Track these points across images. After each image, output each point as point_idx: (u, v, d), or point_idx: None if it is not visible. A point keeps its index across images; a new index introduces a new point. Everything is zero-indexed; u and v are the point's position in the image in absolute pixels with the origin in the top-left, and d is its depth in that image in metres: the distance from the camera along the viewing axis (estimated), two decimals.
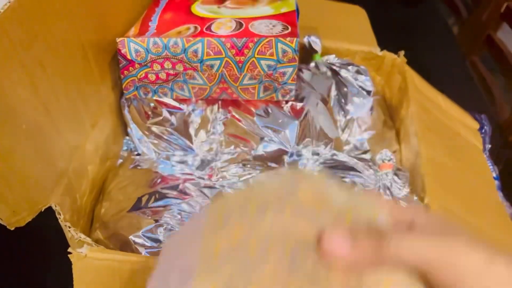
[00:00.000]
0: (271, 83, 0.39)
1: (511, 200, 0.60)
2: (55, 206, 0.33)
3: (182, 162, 0.43)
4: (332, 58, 0.50)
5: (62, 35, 0.33)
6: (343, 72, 0.49)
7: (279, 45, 0.38)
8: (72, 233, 0.31)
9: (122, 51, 0.39)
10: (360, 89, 0.48)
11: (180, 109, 0.42)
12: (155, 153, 0.44)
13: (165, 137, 0.43)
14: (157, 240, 0.36)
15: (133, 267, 0.31)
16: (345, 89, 0.48)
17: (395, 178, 0.37)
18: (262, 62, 0.39)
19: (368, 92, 0.48)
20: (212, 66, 0.39)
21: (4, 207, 0.30)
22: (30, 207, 0.32)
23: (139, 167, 0.42)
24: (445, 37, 0.99)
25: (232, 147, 0.43)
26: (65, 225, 0.32)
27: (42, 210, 0.33)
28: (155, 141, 0.43)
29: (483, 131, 0.53)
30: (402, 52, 0.52)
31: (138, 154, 0.44)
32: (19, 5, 0.27)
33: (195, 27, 0.41)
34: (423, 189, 0.38)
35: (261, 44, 0.38)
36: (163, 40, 0.38)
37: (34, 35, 0.29)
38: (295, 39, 0.38)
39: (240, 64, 0.39)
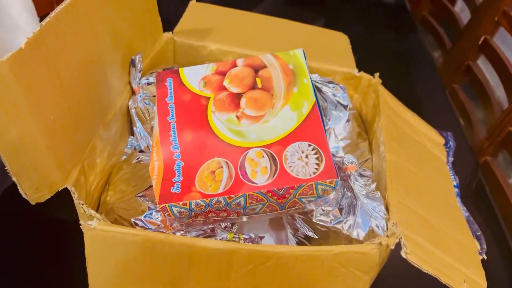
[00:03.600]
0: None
1: (482, 216, 0.66)
2: (71, 187, 0.39)
3: None
4: (315, 77, 0.57)
5: (86, 47, 0.40)
6: (324, 89, 0.55)
7: (319, 186, 0.39)
8: (84, 209, 0.37)
9: (166, 215, 0.39)
10: (337, 103, 0.55)
11: None
12: None
13: None
14: (154, 224, 0.42)
15: (134, 238, 0.37)
16: (325, 103, 0.55)
17: (358, 178, 0.43)
18: (304, 199, 0.40)
19: (345, 106, 0.55)
20: (254, 209, 0.40)
21: (30, 185, 0.36)
22: (50, 186, 0.38)
23: (141, 162, 0.48)
24: (427, 66, 1.07)
25: None
26: (79, 203, 0.38)
27: (59, 190, 0.39)
28: None
29: (448, 146, 0.59)
30: (377, 74, 0.59)
31: (141, 151, 0.50)
32: (56, 20, 0.34)
33: (228, 166, 0.39)
34: (385, 187, 0.44)
35: (302, 188, 0.38)
36: (205, 201, 0.38)
37: (64, 44, 0.36)
38: (335, 180, 0.38)
39: (281, 204, 0.40)
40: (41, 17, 0.84)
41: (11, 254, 0.52)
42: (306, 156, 0.39)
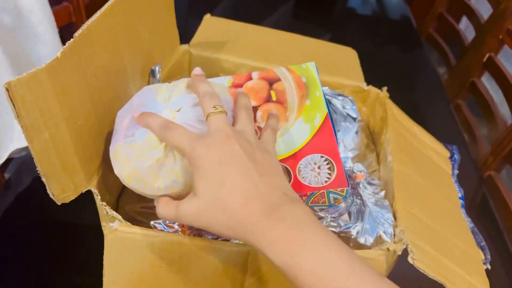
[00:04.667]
0: None
1: (486, 229, 0.68)
2: (94, 189, 0.41)
3: None
4: (325, 89, 0.60)
5: (113, 57, 0.42)
6: (334, 101, 0.58)
7: (331, 195, 0.41)
8: (107, 210, 0.39)
9: None
10: (347, 115, 0.57)
11: None
12: None
13: None
14: (172, 227, 0.44)
15: (153, 240, 0.39)
16: (335, 115, 0.57)
17: (367, 185, 0.45)
18: (316, 207, 0.42)
19: (354, 119, 0.57)
20: None
21: (57, 185, 0.38)
22: (75, 187, 0.40)
23: None
24: (433, 81, 1.10)
25: None
26: (101, 204, 0.40)
27: (83, 192, 0.41)
28: None
29: (453, 159, 0.61)
30: (385, 88, 0.62)
31: None
32: (88, 31, 0.36)
33: None
34: (393, 196, 0.46)
35: (314, 196, 0.41)
36: None
37: (95, 53, 0.38)
38: (345, 188, 0.40)
39: None
40: (60, 28, 0.87)
41: (19, 257, 0.54)
42: (319, 167, 0.41)
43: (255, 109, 0.45)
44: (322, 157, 0.42)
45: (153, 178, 0.37)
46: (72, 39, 0.36)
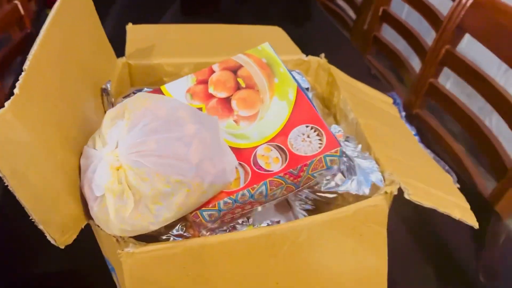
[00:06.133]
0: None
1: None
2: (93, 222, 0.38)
3: None
4: None
5: (63, 83, 0.40)
6: None
7: (328, 158, 0.42)
8: (117, 238, 0.37)
9: (197, 221, 0.40)
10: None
11: None
12: None
13: None
14: (183, 236, 0.43)
15: (174, 251, 0.38)
16: None
17: (347, 143, 0.48)
18: (316, 173, 0.43)
19: (307, 89, 0.59)
20: (274, 194, 0.43)
21: (56, 229, 0.35)
22: (74, 225, 0.37)
23: None
24: (343, 44, 1.17)
25: None
26: (109, 235, 0.38)
27: (83, 227, 0.38)
28: None
29: (396, 103, 0.67)
30: (322, 55, 0.65)
31: None
32: (36, 61, 0.34)
33: (242, 166, 0.42)
34: (369, 147, 0.50)
35: (313, 164, 0.42)
36: (232, 197, 0.40)
37: (47, 82, 0.36)
38: (339, 149, 0.42)
39: (297, 184, 0.43)
40: None
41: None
42: (308, 136, 0.43)
43: (228, 99, 0.45)
44: (307, 126, 0.43)
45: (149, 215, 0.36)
46: (23, 72, 0.33)
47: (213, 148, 0.37)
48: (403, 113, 0.66)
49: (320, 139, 0.43)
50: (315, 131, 0.43)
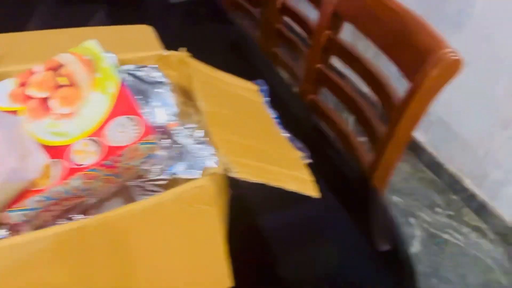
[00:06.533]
0: None
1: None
2: None
3: None
4: (129, 67, 0.62)
5: None
6: (139, 74, 0.60)
7: (144, 146, 0.43)
8: None
9: (11, 221, 0.40)
10: (156, 82, 0.60)
11: None
12: None
13: None
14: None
15: None
16: (145, 85, 0.60)
17: (181, 131, 0.50)
18: (136, 162, 0.44)
19: (162, 83, 0.60)
20: (94, 187, 0.43)
21: None
22: None
23: None
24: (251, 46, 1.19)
25: None
26: None
27: None
28: None
29: (263, 90, 0.69)
30: (183, 49, 0.66)
31: None
32: None
33: (56, 163, 0.42)
34: (209, 133, 0.51)
35: (129, 153, 0.43)
36: (43, 195, 0.40)
37: None
38: (154, 136, 0.44)
39: (117, 174, 0.44)
40: None
41: None
42: (125, 127, 0.44)
43: (47, 99, 0.45)
44: (126, 118, 0.44)
45: None
46: None
47: (2, 147, 0.37)
48: (268, 99, 0.67)
49: (137, 129, 0.43)
50: (132, 122, 0.44)
